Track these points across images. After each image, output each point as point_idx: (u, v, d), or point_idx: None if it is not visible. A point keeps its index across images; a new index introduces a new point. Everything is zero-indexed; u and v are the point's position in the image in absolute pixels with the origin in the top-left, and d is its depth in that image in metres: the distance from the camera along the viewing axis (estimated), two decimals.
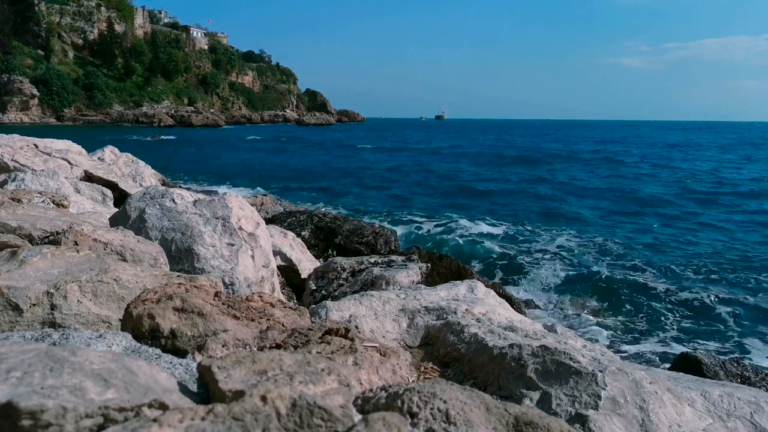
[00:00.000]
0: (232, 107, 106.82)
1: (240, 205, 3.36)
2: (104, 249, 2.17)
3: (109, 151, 7.76)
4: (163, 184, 7.57)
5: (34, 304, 1.58)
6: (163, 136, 51.41)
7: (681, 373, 2.60)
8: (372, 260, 4.46)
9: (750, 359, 6.58)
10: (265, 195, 12.58)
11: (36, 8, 77.76)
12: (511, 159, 36.63)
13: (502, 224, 14.77)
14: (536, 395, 1.85)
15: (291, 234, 5.31)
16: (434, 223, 14.65)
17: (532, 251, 11.95)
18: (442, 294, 2.94)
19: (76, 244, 2.08)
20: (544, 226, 14.55)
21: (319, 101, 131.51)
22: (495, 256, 11.48)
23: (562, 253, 11.83)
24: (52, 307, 1.60)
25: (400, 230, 11.60)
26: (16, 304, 1.55)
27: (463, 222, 14.59)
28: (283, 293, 3.93)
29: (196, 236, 2.99)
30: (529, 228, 14.34)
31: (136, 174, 7.71)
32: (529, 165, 32.50)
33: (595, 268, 10.63)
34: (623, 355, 6.41)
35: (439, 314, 2.63)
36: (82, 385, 0.86)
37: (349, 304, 2.64)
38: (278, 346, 1.37)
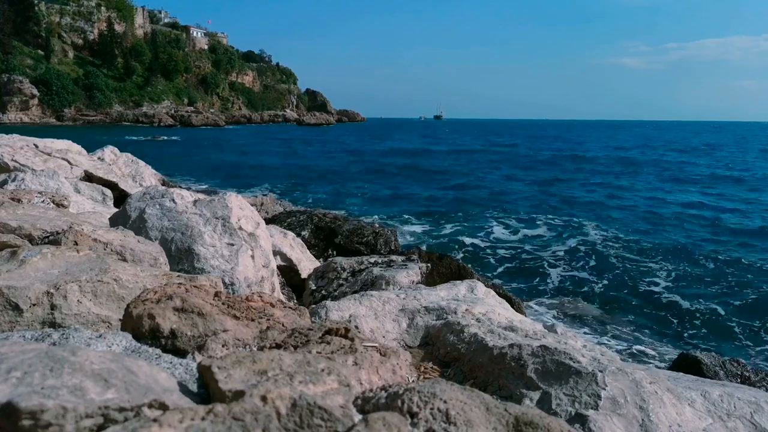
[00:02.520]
0: (232, 107, 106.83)
1: (240, 205, 3.36)
2: (104, 249, 2.17)
3: (109, 151, 7.76)
4: (162, 184, 7.57)
5: (34, 304, 1.58)
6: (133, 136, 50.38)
7: (681, 373, 2.60)
8: (372, 260, 4.46)
9: (750, 359, 6.58)
10: (265, 195, 12.59)
11: (36, 8, 77.75)
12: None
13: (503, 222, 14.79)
14: (536, 395, 1.85)
15: (291, 234, 5.31)
16: None
17: (531, 252, 11.96)
18: (442, 294, 2.94)
19: (76, 244, 2.08)
20: (544, 227, 14.56)
21: (319, 101, 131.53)
22: (495, 256, 11.48)
23: (561, 253, 11.84)
24: (52, 307, 1.60)
25: None
26: (16, 304, 1.55)
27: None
28: (283, 293, 3.93)
29: (196, 236, 2.99)
30: (530, 228, 14.35)
31: (136, 174, 7.71)
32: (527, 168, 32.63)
33: (594, 269, 10.63)
34: (623, 355, 6.41)
35: (439, 314, 2.63)
36: (82, 385, 0.86)
37: (349, 304, 2.64)
38: (278, 346, 1.37)
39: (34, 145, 6.08)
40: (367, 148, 45.22)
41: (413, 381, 1.38)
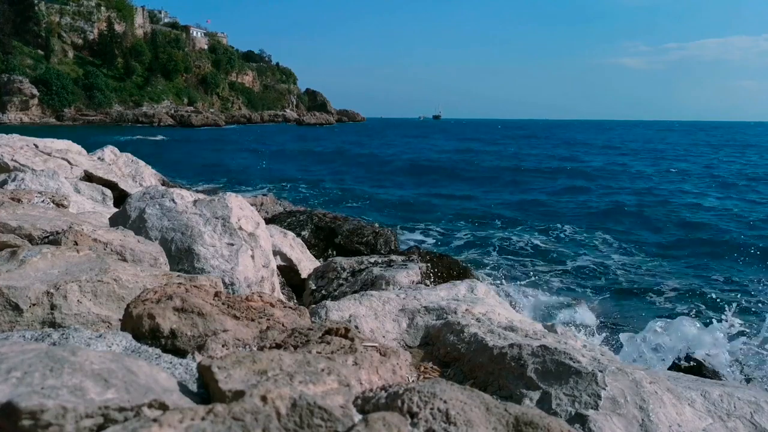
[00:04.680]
0: (232, 107, 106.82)
1: (240, 205, 3.36)
2: (104, 249, 2.17)
3: (109, 151, 7.76)
4: (163, 184, 7.57)
5: (34, 304, 1.58)
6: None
7: (681, 373, 2.60)
8: (372, 260, 4.46)
9: (750, 359, 6.58)
10: (265, 195, 12.60)
11: (36, 8, 77.75)
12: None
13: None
14: (536, 395, 1.85)
15: (291, 234, 5.31)
16: None
17: (531, 252, 11.96)
18: (442, 294, 2.94)
19: (76, 244, 2.08)
20: (544, 227, 14.57)
21: (319, 101, 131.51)
22: (495, 256, 11.49)
23: (561, 254, 11.84)
24: (52, 307, 1.60)
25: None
26: (16, 304, 1.55)
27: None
28: (283, 293, 3.93)
29: (196, 236, 2.99)
30: (528, 229, 14.36)
31: (136, 174, 7.71)
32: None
33: (594, 268, 10.64)
34: (623, 355, 6.41)
35: (439, 314, 2.63)
36: (82, 385, 0.86)
37: (349, 304, 2.64)
38: (278, 346, 1.37)
39: (34, 145, 6.09)
40: (359, 149, 45.30)
41: (413, 381, 1.38)
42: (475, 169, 29.17)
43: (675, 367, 4.44)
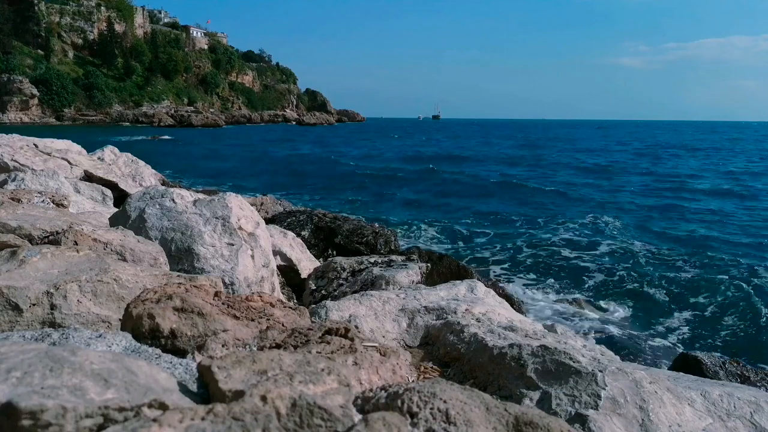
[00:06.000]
0: (232, 107, 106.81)
1: (240, 204, 3.36)
2: (104, 249, 2.17)
3: (109, 151, 7.77)
4: (163, 184, 7.58)
5: (33, 304, 1.58)
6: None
7: (681, 373, 2.60)
8: (372, 260, 4.46)
9: (750, 359, 6.58)
10: (265, 195, 12.60)
11: (36, 8, 77.81)
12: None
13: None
14: (536, 395, 1.85)
15: (291, 234, 5.31)
16: None
17: (531, 252, 11.96)
18: (442, 294, 2.94)
19: (76, 244, 2.08)
20: (541, 227, 14.58)
21: (319, 101, 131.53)
22: (495, 256, 11.50)
23: (561, 253, 11.84)
24: (52, 307, 1.60)
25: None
26: (16, 304, 1.55)
27: None
28: (283, 293, 3.93)
29: (195, 236, 2.99)
30: (526, 229, 14.37)
31: (136, 174, 7.71)
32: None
33: (594, 268, 10.64)
34: (623, 355, 6.41)
35: (439, 314, 2.63)
36: (82, 385, 0.86)
37: (349, 303, 2.64)
38: (278, 346, 1.37)
39: (34, 144, 6.09)
40: (353, 151, 44.88)
41: (413, 381, 1.38)
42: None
43: (675, 366, 4.44)
